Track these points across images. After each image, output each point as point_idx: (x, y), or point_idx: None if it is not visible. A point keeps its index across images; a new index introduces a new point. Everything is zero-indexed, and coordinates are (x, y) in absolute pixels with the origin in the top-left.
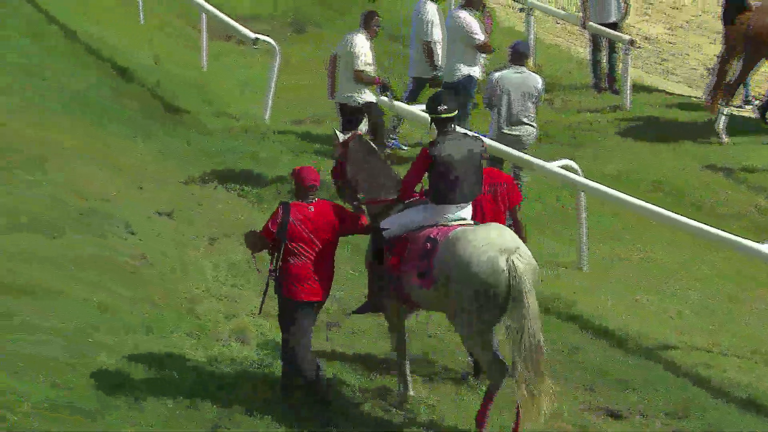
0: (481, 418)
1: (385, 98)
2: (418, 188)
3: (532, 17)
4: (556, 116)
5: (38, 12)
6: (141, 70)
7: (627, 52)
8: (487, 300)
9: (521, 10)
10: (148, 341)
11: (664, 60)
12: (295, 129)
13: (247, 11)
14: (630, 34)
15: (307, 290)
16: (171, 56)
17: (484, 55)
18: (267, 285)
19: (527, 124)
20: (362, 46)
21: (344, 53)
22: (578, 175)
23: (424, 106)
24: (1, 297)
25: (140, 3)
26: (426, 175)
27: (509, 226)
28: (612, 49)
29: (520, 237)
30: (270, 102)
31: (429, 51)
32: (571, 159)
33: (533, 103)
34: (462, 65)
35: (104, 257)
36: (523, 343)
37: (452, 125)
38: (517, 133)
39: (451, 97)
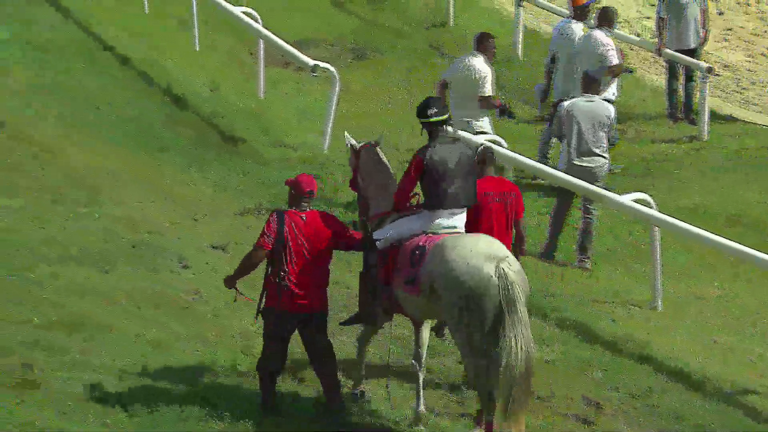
0: None
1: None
2: (414, 201)
3: None
4: (629, 147)
5: (93, 39)
6: (196, 98)
7: (705, 80)
8: (474, 307)
9: None
10: (201, 380)
11: (744, 89)
12: None
13: (305, 36)
14: (708, 62)
15: (292, 302)
16: (227, 84)
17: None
18: (262, 293)
19: (599, 155)
20: (484, 70)
21: (460, 78)
22: (652, 208)
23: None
24: (51, 332)
25: (196, 29)
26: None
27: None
28: (689, 77)
29: (521, 250)
30: (329, 131)
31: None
32: (644, 192)
33: (605, 132)
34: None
35: (157, 292)
36: (512, 353)
37: (443, 130)
38: (588, 164)
39: (441, 102)
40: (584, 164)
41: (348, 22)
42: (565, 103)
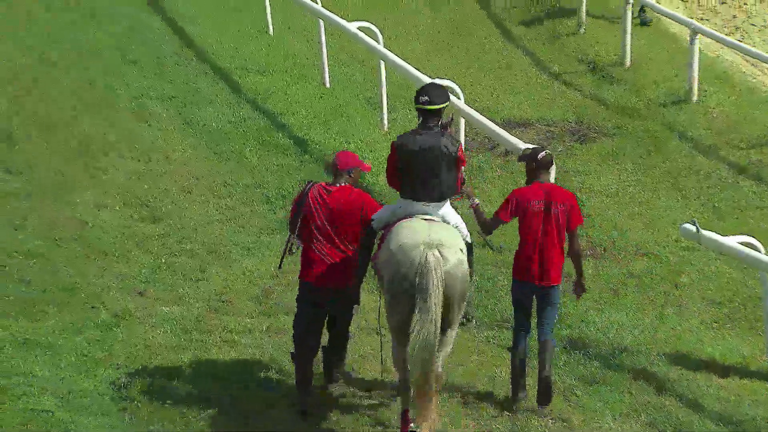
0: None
1: None
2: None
3: None
4: None
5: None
6: None
7: None
8: (395, 291)
9: None
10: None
11: None
12: None
13: (516, 115)
14: None
15: (311, 274)
16: None
17: None
18: (287, 243)
19: None
20: None
21: None
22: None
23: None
24: None
25: (385, 111)
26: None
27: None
28: None
29: (577, 264)
30: None
31: None
32: None
33: None
34: None
35: None
36: (415, 341)
37: (436, 121)
38: None
39: (442, 92)
40: None
41: (568, 97)
42: None
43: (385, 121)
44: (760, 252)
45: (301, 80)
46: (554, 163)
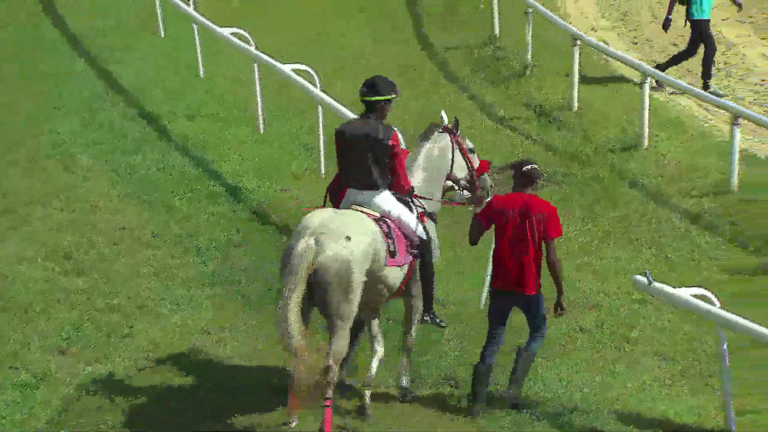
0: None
1: None
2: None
3: None
4: None
5: None
6: None
7: None
8: (281, 274)
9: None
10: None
11: None
12: None
13: None
14: None
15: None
16: None
17: None
18: None
19: None
20: None
21: None
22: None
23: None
24: None
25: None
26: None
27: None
28: None
29: (555, 277)
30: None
31: None
32: None
33: None
34: None
35: None
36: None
37: (377, 113)
38: None
39: (384, 85)
40: None
41: (514, 143)
42: None
43: (323, 168)
44: (714, 305)
45: (234, 125)
46: (536, 180)
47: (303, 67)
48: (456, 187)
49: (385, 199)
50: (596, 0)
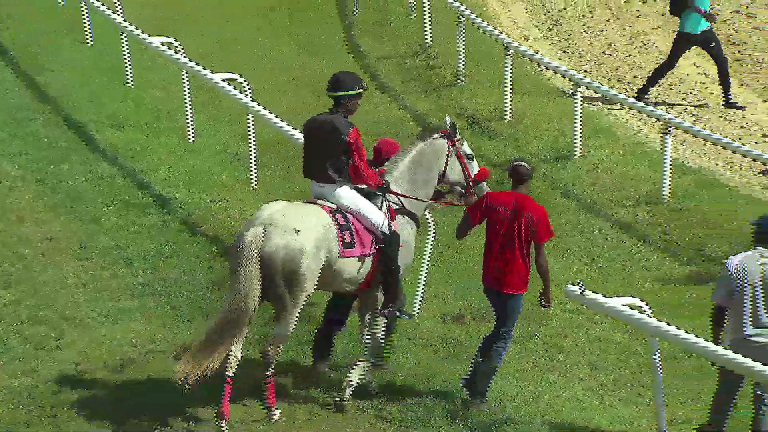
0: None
1: None
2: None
3: None
4: None
5: None
6: None
7: None
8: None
9: (764, 172)
10: None
11: None
12: None
13: None
14: None
15: None
16: None
17: None
18: None
19: None
20: None
21: None
22: None
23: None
24: None
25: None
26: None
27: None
28: None
29: (543, 278)
30: None
31: None
32: None
33: None
34: None
35: None
36: (223, 309)
37: (342, 108)
38: (762, 339)
39: (349, 80)
40: (760, 339)
41: None
42: (734, 261)
43: (254, 179)
44: (646, 314)
45: (164, 135)
46: (524, 177)
47: (234, 76)
48: (452, 192)
49: (344, 193)
50: (527, 10)
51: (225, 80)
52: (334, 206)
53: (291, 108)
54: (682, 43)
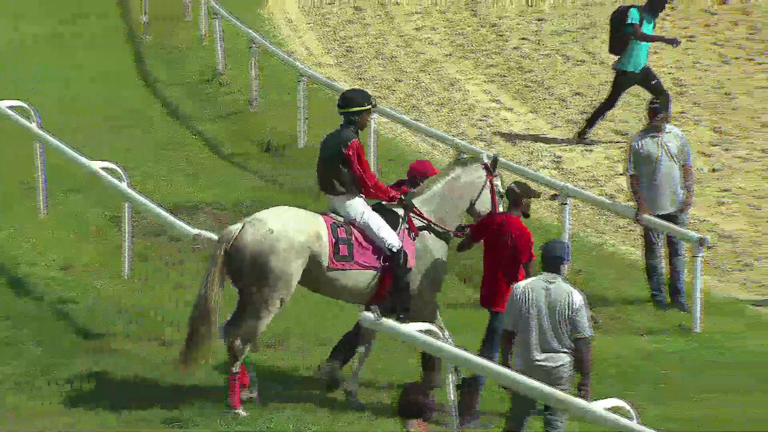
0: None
1: None
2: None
3: (568, 207)
4: (601, 340)
5: None
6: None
7: (698, 254)
8: None
9: (554, 197)
10: None
11: (747, 266)
12: None
13: (188, 199)
14: (699, 231)
15: None
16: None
17: None
18: None
19: (562, 351)
20: None
21: None
22: (632, 419)
23: None
24: None
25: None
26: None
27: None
28: (674, 250)
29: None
30: None
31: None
32: (621, 398)
33: (568, 323)
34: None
35: None
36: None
37: (350, 120)
38: (549, 363)
39: (356, 97)
40: (544, 363)
41: (243, 180)
42: (520, 286)
43: (43, 206)
44: (440, 339)
45: None
46: (518, 199)
47: (19, 103)
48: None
49: (354, 206)
50: (318, 37)
51: (10, 107)
52: (341, 219)
53: (86, 134)
54: (623, 81)
